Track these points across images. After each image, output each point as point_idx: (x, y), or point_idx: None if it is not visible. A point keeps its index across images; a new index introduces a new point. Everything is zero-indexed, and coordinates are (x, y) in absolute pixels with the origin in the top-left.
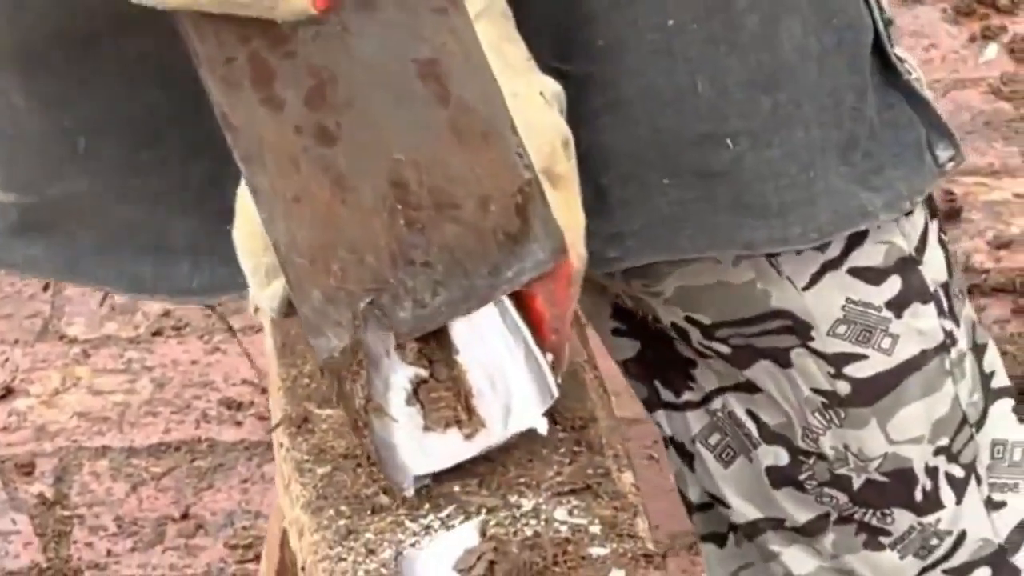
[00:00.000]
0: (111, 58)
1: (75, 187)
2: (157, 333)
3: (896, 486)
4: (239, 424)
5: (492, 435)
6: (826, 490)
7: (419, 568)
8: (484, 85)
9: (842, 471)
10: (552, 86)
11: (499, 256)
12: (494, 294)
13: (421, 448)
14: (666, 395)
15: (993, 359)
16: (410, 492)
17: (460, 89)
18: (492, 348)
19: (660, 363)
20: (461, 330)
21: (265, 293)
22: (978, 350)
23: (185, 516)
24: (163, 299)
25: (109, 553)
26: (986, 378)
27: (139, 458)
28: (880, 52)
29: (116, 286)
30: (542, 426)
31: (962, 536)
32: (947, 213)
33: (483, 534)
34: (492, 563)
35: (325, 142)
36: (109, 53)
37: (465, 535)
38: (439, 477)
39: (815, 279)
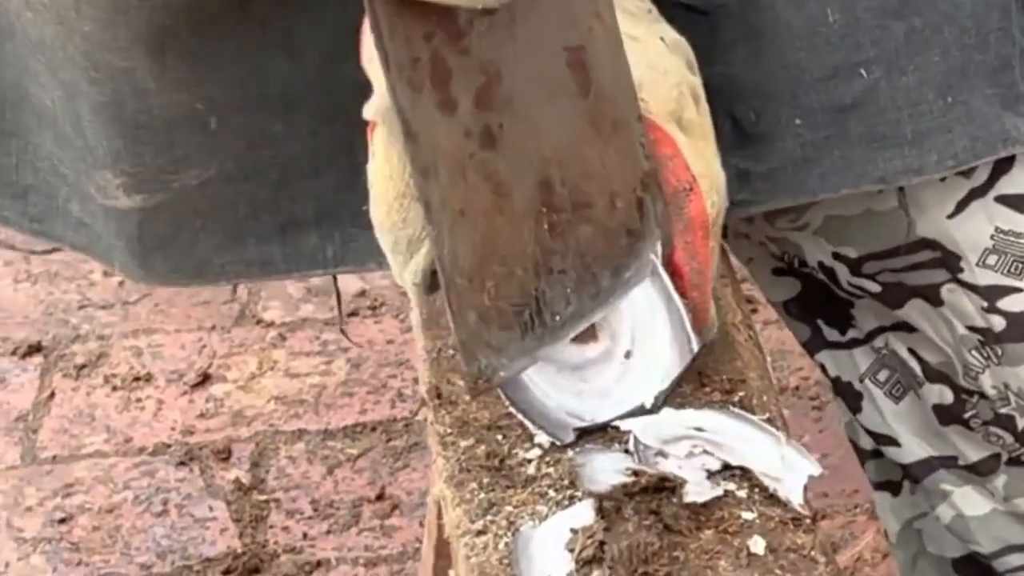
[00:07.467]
0: (238, 34)
1: (205, 172)
2: (353, 314)
3: None
4: None
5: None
6: (992, 429)
7: (533, 547)
8: (618, 69)
9: (1004, 410)
10: (672, 34)
11: (620, 256)
12: (614, 299)
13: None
14: (830, 334)
15: None
16: (568, 439)
17: (599, 75)
18: (632, 299)
19: (821, 302)
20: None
21: (408, 268)
22: None
23: (380, 497)
24: (298, 276)
25: (305, 536)
26: None
27: (335, 440)
28: None
29: (247, 276)
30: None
31: None
32: None
33: (599, 512)
34: (602, 543)
35: (488, 145)
36: (236, 29)
37: (581, 513)
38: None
39: (961, 206)
